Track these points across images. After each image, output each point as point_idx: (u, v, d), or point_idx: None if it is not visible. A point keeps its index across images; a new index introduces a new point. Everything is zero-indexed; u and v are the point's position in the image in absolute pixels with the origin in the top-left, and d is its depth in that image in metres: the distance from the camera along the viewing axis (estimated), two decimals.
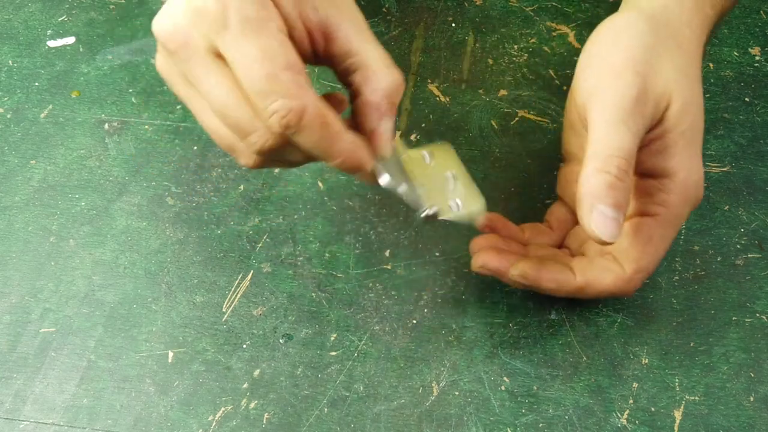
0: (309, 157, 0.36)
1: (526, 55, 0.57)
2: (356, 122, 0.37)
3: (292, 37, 0.35)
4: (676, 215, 0.40)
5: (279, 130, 0.33)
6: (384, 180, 0.37)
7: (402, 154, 0.40)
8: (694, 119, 0.39)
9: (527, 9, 0.60)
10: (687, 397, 0.41)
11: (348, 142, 0.34)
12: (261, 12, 0.33)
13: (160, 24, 0.35)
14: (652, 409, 0.40)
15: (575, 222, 0.45)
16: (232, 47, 0.33)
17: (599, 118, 0.37)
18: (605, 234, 0.35)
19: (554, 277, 0.40)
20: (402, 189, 0.38)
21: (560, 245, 0.45)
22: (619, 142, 0.37)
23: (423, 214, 0.38)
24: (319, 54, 0.36)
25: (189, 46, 0.34)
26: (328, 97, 0.38)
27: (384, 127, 0.36)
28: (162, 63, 0.36)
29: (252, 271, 0.46)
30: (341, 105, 0.38)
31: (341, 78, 0.37)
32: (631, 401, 0.41)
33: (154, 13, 0.61)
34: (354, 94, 0.37)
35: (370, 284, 0.45)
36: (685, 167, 0.39)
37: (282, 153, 0.35)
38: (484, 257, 0.41)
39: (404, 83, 0.37)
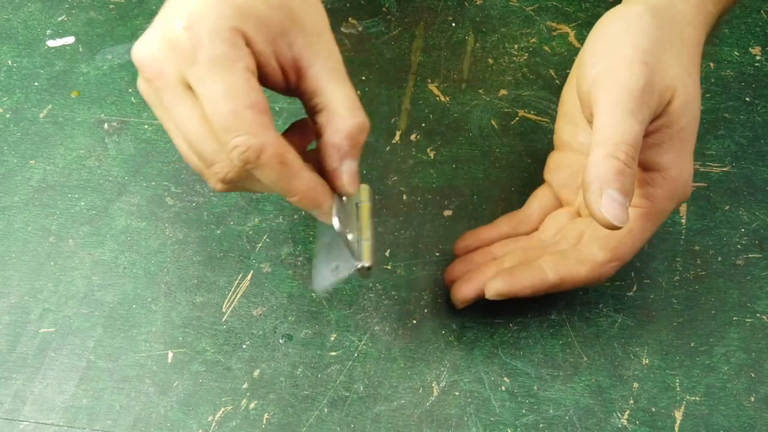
0: (271, 190, 0.37)
1: (526, 54, 0.57)
2: (320, 160, 0.38)
3: (265, 72, 0.36)
4: (661, 210, 0.40)
5: (239, 165, 0.34)
6: (335, 223, 0.38)
7: (363, 201, 0.40)
8: (692, 117, 0.39)
9: (527, 9, 0.60)
10: (687, 397, 0.41)
11: (306, 180, 0.35)
12: (230, 51, 0.34)
13: (138, 51, 0.36)
14: (653, 409, 0.40)
15: (556, 206, 0.45)
16: (200, 82, 0.34)
17: (607, 106, 0.37)
18: (615, 218, 0.36)
19: (528, 284, 0.41)
20: (349, 236, 0.39)
21: (536, 228, 0.46)
22: (627, 129, 0.37)
23: (359, 266, 0.38)
24: (291, 88, 0.38)
25: (162, 76, 0.35)
26: (299, 124, 0.39)
27: (344, 168, 0.37)
28: (141, 86, 0.37)
29: (252, 271, 0.46)
30: (309, 135, 0.39)
31: (309, 114, 0.38)
32: (631, 401, 0.40)
33: (153, 12, 0.61)
34: (318, 133, 0.37)
35: (370, 284, 0.45)
36: (677, 165, 0.39)
37: (244, 184, 0.36)
38: (460, 292, 0.42)
39: (368, 126, 0.37)
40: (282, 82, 0.37)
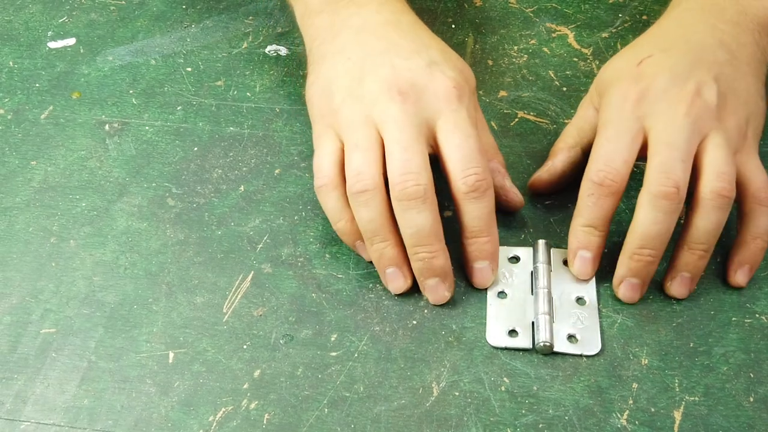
0: None
1: (525, 56, 0.57)
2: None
3: None
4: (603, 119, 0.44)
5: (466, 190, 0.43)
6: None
7: (540, 263, 0.45)
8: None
9: (527, 10, 0.60)
10: (687, 397, 0.41)
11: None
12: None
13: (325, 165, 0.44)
14: (652, 409, 0.40)
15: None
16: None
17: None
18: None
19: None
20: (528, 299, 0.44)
21: None
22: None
23: (540, 344, 0.42)
24: None
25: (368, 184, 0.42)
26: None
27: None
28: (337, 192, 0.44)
29: (252, 272, 0.46)
30: None
31: None
32: (630, 402, 0.41)
33: (154, 14, 0.61)
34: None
35: (371, 285, 0.45)
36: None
37: None
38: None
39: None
40: None
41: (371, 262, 0.45)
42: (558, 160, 0.48)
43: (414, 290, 0.45)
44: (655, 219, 0.41)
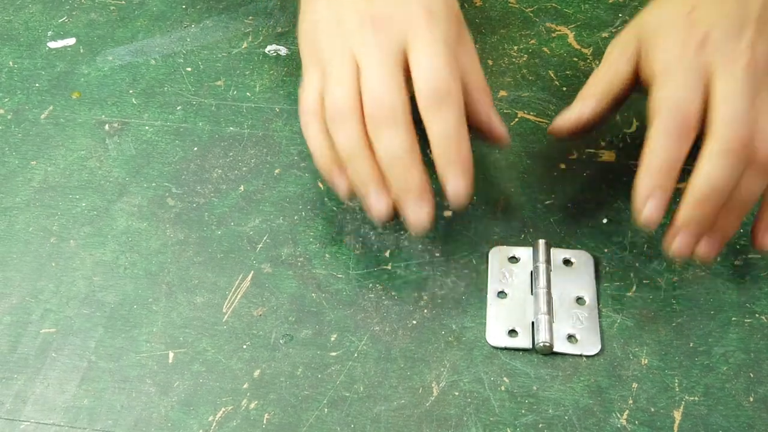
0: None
1: (525, 56, 0.57)
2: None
3: None
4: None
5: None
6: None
7: (540, 262, 0.45)
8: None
9: (527, 10, 0.60)
10: (686, 397, 0.41)
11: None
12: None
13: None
14: (652, 409, 0.40)
15: None
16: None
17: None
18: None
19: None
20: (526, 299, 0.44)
21: None
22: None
23: (540, 344, 0.42)
24: None
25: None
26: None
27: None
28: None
29: (252, 272, 0.46)
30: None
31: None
32: (630, 401, 0.41)
33: (154, 14, 0.61)
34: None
35: (370, 285, 0.45)
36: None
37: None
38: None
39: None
40: None
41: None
42: (587, 107, 0.46)
43: (414, 290, 0.45)
44: (721, 173, 0.40)
